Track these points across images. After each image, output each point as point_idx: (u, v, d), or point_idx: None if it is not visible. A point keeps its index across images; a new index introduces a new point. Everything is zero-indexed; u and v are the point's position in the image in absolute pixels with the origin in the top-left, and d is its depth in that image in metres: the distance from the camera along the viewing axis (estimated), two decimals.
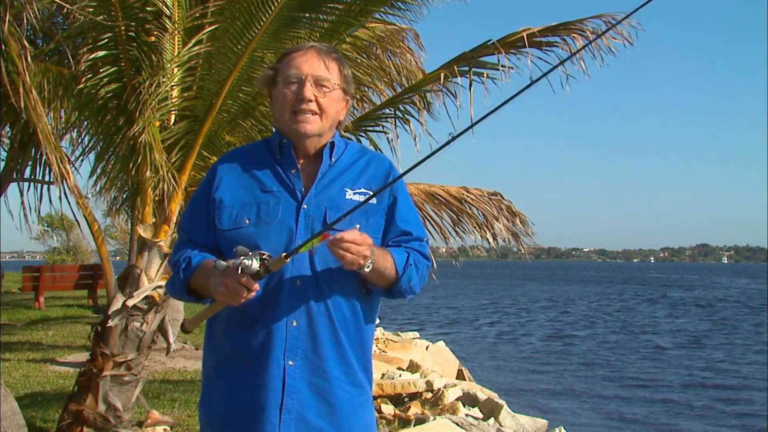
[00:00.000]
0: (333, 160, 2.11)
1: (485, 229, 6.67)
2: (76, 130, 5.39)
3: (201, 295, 2.08)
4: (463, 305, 37.23)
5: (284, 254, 1.86)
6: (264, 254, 1.88)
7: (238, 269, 1.85)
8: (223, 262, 1.90)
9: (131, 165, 4.71)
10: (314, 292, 1.99)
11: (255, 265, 1.86)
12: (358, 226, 1.99)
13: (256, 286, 1.87)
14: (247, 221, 2.02)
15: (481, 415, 7.42)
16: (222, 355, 2.05)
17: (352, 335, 2.05)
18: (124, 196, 5.33)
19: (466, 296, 45.54)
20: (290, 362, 1.97)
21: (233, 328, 2.02)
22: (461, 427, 6.48)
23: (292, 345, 1.98)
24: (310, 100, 2.04)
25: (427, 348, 11.50)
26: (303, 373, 1.98)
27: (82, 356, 7.49)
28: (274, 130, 2.20)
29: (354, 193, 2.06)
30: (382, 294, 2.10)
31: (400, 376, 8.44)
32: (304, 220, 2.01)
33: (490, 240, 6.69)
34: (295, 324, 1.98)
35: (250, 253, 1.87)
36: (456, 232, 6.69)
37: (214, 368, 2.08)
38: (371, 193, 2.02)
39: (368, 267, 1.93)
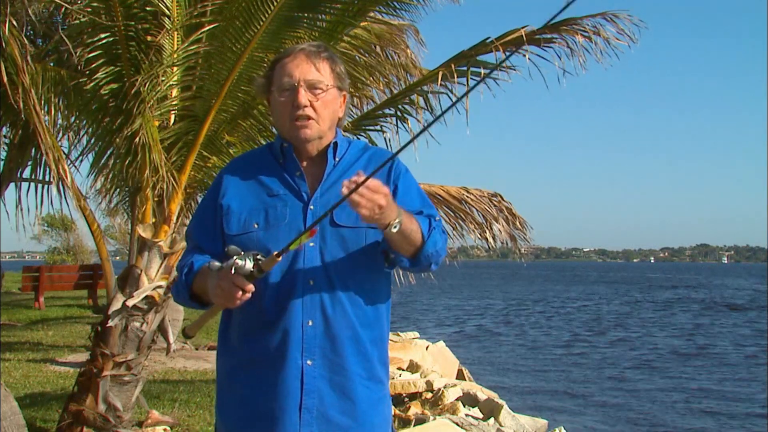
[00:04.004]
0: (337, 159, 2.12)
1: (485, 229, 6.66)
2: (75, 129, 5.38)
3: (205, 301, 2.07)
4: (462, 305, 37.21)
5: (275, 253, 1.85)
6: (257, 254, 1.87)
7: (231, 270, 1.84)
8: (217, 263, 1.88)
9: (130, 165, 4.71)
10: (328, 290, 1.99)
11: (248, 265, 1.84)
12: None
13: (251, 287, 1.86)
14: (256, 225, 2.03)
15: (481, 415, 7.41)
16: (238, 359, 2.05)
17: (370, 329, 2.05)
18: (124, 196, 5.33)
19: (464, 297, 45.50)
20: (309, 362, 1.97)
21: (249, 332, 2.02)
22: (461, 427, 6.47)
23: (309, 344, 1.98)
24: (306, 106, 2.04)
25: (427, 348, 11.47)
26: (323, 371, 1.98)
27: (82, 356, 7.48)
28: (275, 132, 2.20)
29: None
30: (406, 264, 2.03)
31: (400, 376, 8.43)
32: (312, 220, 2.01)
33: (490, 240, 6.68)
34: (311, 323, 1.98)
35: (243, 253, 1.86)
36: (456, 231, 6.68)
37: (229, 373, 2.08)
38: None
39: (395, 227, 1.87)
